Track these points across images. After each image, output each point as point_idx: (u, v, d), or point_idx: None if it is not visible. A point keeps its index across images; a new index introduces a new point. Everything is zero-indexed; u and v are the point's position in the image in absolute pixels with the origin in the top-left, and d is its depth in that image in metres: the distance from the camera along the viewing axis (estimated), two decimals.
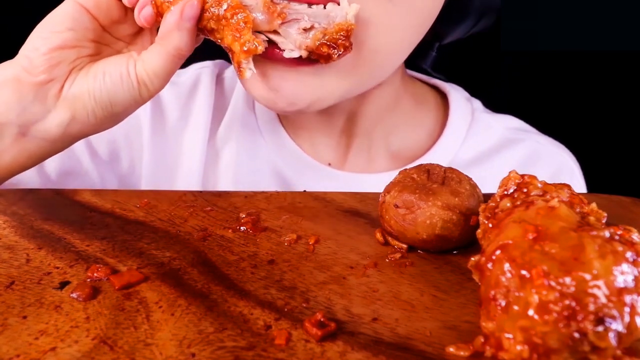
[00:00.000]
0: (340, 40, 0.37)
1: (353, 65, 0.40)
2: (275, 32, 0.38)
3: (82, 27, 0.38)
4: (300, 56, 0.38)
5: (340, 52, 0.38)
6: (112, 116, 0.39)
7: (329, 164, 0.54)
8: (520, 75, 0.79)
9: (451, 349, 0.23)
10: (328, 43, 0.37)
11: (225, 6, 0.36)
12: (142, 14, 0.38)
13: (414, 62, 0.58)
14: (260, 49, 0.36)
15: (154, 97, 0.39)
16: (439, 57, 0.60)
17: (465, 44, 0.60)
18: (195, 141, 0.55)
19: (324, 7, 0.38)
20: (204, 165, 0.55)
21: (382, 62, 0.44)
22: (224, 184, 0.54)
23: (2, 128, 0.38)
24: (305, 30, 0.37)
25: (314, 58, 0.38)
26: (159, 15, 0.38)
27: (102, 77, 0.38)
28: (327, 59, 0.38)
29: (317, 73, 0.41)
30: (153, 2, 0.38)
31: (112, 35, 0.41)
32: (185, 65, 0.42)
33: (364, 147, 0.54)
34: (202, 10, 0.37)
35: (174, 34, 0.37)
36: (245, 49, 0.36)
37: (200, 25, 0.37)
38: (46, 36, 0.37)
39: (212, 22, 0.37)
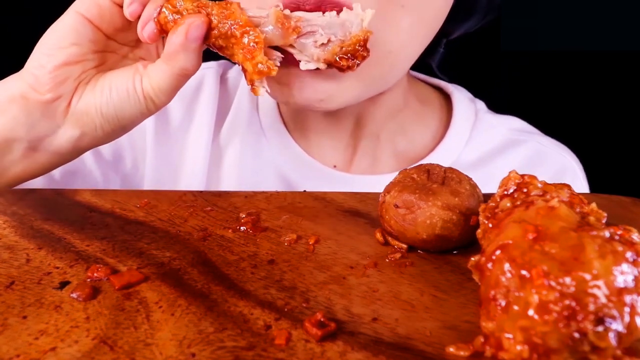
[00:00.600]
0: (358, 52, 0.37)
1: (366, 68, 0.40)
2: (290, 45, 0.37)
3: (86, 40, 0.38)
4: (318, 68, 0.38)
5: (359, 62, 0.38)
6: (119, 129, 0.40)
7: (334, 167, 0.54)
8: (520, 75, 0.79)
9: (451, 349, 0.23)
10: (346, 56, 0.37)
11: (234, 24, 0.35)
12: (145, 31, 0.37)
13: (420, 59, 0.59)
14: (274, 72, 0.35)
15: None
16: (446, 55, 0.60)
17: (466, 43, 0.60)
18: (198, 141, 0.55)
19: (337, 15, 0.37)
20: (208, 166, 0.54)
21: (395, 64, 0.44)
22: (227, 185, 0.54)
23: (11, 144, 0.39)
24: (323, 44, 0.37)
25: (331, 68, 0.38)
26: (162, 32, 0.37)
27: (109, 92, 0.38)
28: (347, 70, 0.38)
29: (333, 77, 0.41)
30: (156, 20, 0.37)
31: (116, 41, 0.40)
32: None
33: (370, 149, 0.54)
34: (209, 29, 0.36)
35: (180, 54, 0.36)
36: (258, 70, 0.35)
37: (207, 42, 0.36)
38: (51, 52, 0.37)
39: (221, 40, 0.36)
